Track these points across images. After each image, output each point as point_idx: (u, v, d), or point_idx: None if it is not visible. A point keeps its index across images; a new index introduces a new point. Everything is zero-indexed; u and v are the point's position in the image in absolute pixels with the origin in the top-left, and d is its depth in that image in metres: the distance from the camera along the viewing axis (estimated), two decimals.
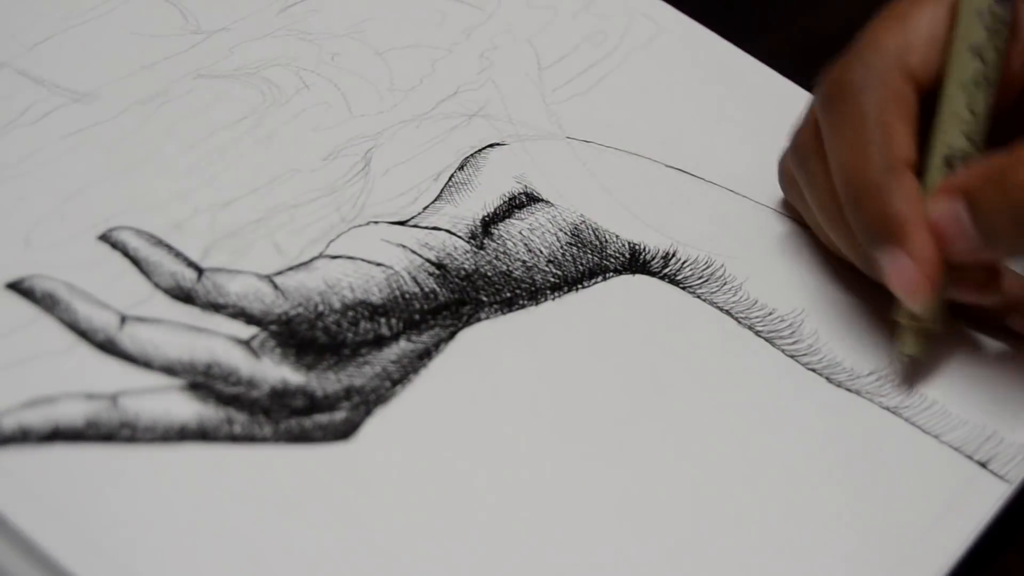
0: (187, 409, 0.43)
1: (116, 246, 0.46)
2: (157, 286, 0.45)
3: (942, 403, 0.48)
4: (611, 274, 0.49)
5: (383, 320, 0.46)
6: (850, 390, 0.48)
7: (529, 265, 0.49)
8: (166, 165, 0.48)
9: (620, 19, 0.57)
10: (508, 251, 0.49)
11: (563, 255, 0.49)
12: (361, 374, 0.45)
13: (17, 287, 0.44)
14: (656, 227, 0.51)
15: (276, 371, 0.44)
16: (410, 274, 0.47)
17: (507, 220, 0.50)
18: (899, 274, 0.46)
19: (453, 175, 0.50)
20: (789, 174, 0.50)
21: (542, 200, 0.50)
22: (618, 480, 0.44)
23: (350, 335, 0.46)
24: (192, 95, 0.50)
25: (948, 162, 0.47)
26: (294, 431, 0.43)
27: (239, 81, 0.51)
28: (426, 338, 0.46)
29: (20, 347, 0.43)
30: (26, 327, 0.44)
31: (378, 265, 0.47)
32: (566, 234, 0.50)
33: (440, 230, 0.49)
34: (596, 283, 0.49)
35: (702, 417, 0.46)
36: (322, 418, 0.44)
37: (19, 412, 0.42)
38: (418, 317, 0.46)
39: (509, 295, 0.48)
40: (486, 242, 0.49)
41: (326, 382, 0.44)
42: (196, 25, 0.53)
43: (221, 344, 0.44)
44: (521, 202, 0.50)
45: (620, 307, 0.48)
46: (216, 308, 0.45)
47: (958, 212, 0.45)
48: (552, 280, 0.48)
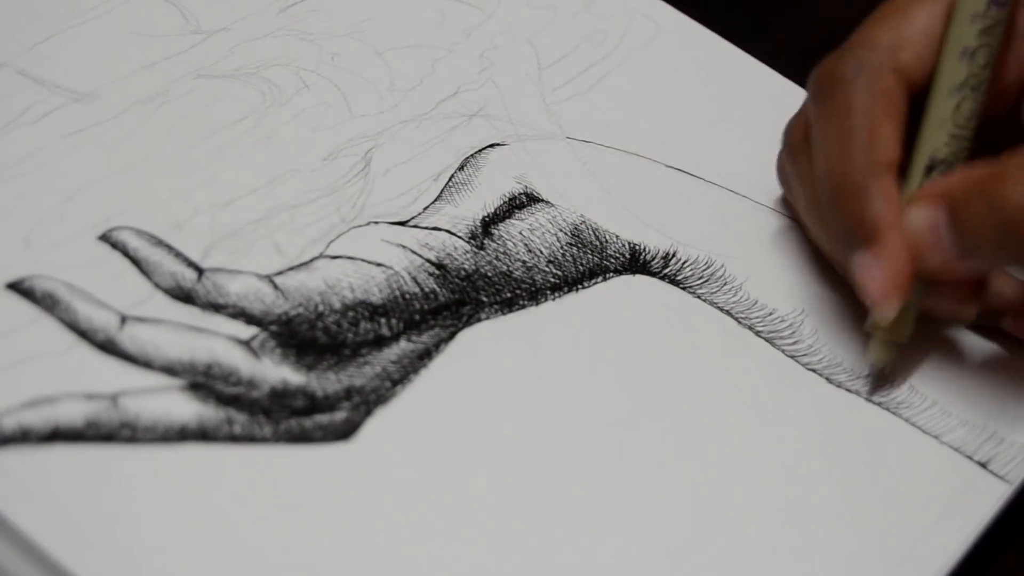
0: (187, 409, 0.43)
1: (116, 246, 0.46)
2: (157, 286, 0.45)
3: (942, 403, 0.48)
4: (611, 274, 0.49)
5: (383, 320, 0.46)
6: (850, 390, 0.48)
7: (529, 265, 0.49)
8: (166, 165, 0.48)
9: (620, 19, 0.57)
10: (508, 251, 0.49)
11: (563, 255, 0.49)
12: (361, 374, 0.45)
13: (17, 287, 0.44)
14: (656, 227, 0.51)
15: (276, 371, 0.44)
16: (410, 274, 0.47)
17: (507, 220, 0.50)
18: (868, 279, 0.45)
19: (453, 175, 0.50)
20: (784, 169, 0.50)
21: (542, 200, 0.50)
22: (618, 480, 0.44)
23: (350, 335, 0.46)
24: (192, 95, 0.50)
25: (930, 169, 0.46)
26: (294, 431, 0.43)
27: (239, 81, 0.51)
28: (426, 338, 0.46)
29: (20, 347, 0.43)
30: (26, 327, 0.44)
31: (378, 265, 0.47)
32: (566, 234, 0.50)
33: (440, 230, 0.49)
34: (596, 283, 0.49)
35: (702, 417, 0.46)
36: (322, 418, 0.44)
37: (19, 412, 0.42)
38: (418, 317, 0.46)
39: (509, 295, 0.48)
40: (486, 242, 0.49)
41: (326, 382, 0.44)
42: (196, 25, 0.52)
43: (221, 344, 0.44)
44: (521, 202, 0.50)
45: (620, 307, 0.48)
46: (216, 308, 0.45)
47: (937, 220, 0.44)
48: (552, 280, 0.48)
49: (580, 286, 0.49)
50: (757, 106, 0.55)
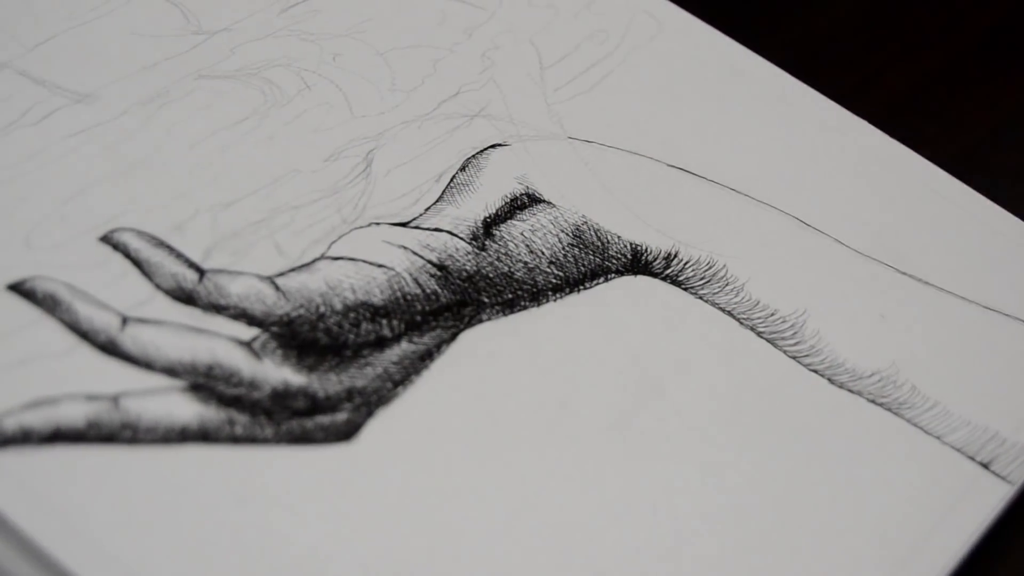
0: (188, 410, 0.43)
1: (117, 247, 0.46)
2: (158, 287, 0.45)
3: (944, 404, 0.48)
4: (613, 275, 0.49)
5: (384, 321, 0.46)
6: (852, 391, 0.48)
7: (531, 266, 0.49)
8: (167, 166, 0.48)
9: (622, 17, 0.57)
10: (510, 252, 0.49)
11: (565, 256, 0.49)
12: (363, 375, 0.45)
13: (18, 288, 0.44)
14: (658, 227, 0.51)
15: (278, 372, 0.44)
16: (411, 275, 0.47)
17: (509, 221, 0.50)
18: None
19: (455, 176, 0.50)
20: None
21: (544, 201, 0.50)
22: (619, 481, 0.44)
23: (351, 336, 0.46)
24: (193, 96, 0.50)
25: None
26: (296, 432, 0.43)
27: (240, 82, 0.51)
28: (427, 339, 0.46)
29: (21, 348, 0.43)
30: (27, 328, 0.44)
31: (379, 266, 0.47)
32: (568, 235, 0.50)
33: (442, 231, 0.49)
34: (598, 284, 0.49)
35: (703, 418, 0.46)
36: (324, 419, 0.44)
37: (20, 413, 0.42)
38: (419, 318, 0.46)
39: (511, 296, 0.48)
40: (488, 243, 0.49)
41: (328, 383, 0.44)
42: (197, 26, 0.52)
43: (222, 345, 0.44)
44: (523, 203, 0.50)
45: (622, 308, 0.48)
46: (217, 309, 0.45)
47: None
48: (554, 281, 0.48)
49: (582, 287, 0.49)
50: (761, 105, 0.55)
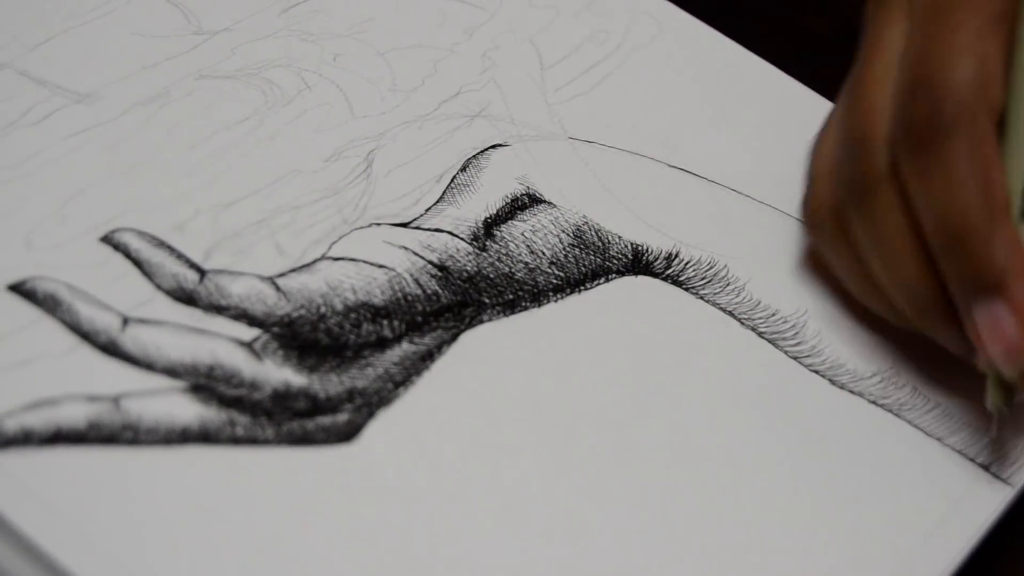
0: (189, 411, 0.43)
1: (118, 247, 0.46)
2: (159, 288, 0.45)
3: (945, 406, 0.48)
4: (614, 275, 0.49)
5: (385, 322, 0.46)
6: (853, 392, 0.48)
7: (531, 267, 0.49)
8: (168, 166, 0.48)
9: (622, 18, 0.57)
10: (510, 253, 0.49)
11: (565, 256, 0.49)
12: (363, 376, 0.45)
13: (19, 289, 0.44)
14: (659, 228, 0.51)
15: (278, 373, 0.44)
16: (412, 276, 0.47)
17: (509, 221, 0.50)
18: (997, 331, 0.43)
19: (455, 176, 0.50)
20: (831, 220, 0.47)
21: (544, 201, 0.50)
22: (621, 481, 0.44)
23: (352, 337, 0.45)
24: (194, 96, 0.50)
25: None
26: (296, 433, 0.43)
27: (241, 82, 0.51)
28: (428, 340, 0.46)
29: (22, 349, 0.43)
30: (28, 329, 0.44)
31: (380, 267, 0.47)
32: (568, 235, 0.50)
33: (442, 232, 0.49)
34: (599, 284, 0.49)
35: (705, 419, 0.46)
36: (324, 420, 0.44)
37: (21, 414, 0.42)
38: (420, 319, 0.46)
39: (511, 297, 0.48)
40: (488, 244, 0.49)
41: (328, 384, 0.44)
42: (198, 26, 0.52)
43: (223, 346, 0.44)
44: (523, 203, 0.50)
45: (623, 308, 0.48)
46: (218, 310, 0.45)
47: None
48: (555, 282, 0.48)
49: (583, 287, 0.49)
50: (761, 105, 0.55)
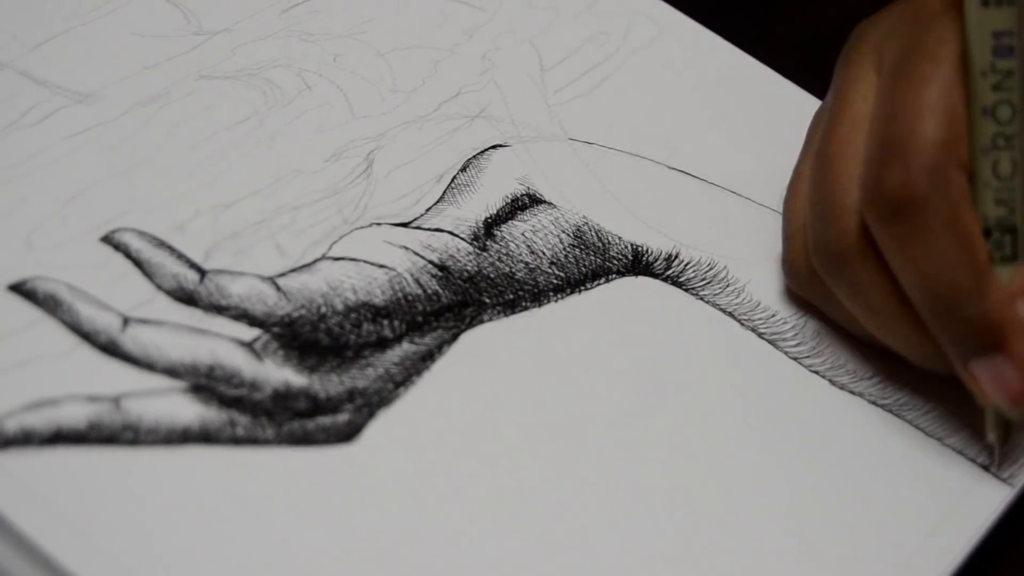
0: (189, 411, 0.43)
1: (118, 248, 0.46)
2: (159, 288, 0.45)
3: (945, 406, 0.48)
4: (614, 276, 0.49)
5: (386, 322, 0.46)
6: (853, 392, 0.48)
7: (532, 267, 0.49)
8: (168, 166, 0.48)
9: (622, 20, 0.57)
10: (511, 253, 0.49)
11: (566, 257, 0.49)
12: (364, 376, 0.45)
13: (19, 289, 0.44)
14: (659, 229, 0.51)
15: (279, 373, 0.44)
16: (413, 276, 0.47)
17: (510, 222, 0.50)
18: (999, 383, 0.44)
19: (455, 177, 0.50)
20: (812, 280, 0.48)
21: (544, 202, 0.50)
22: (620, 481, 0.44)
23: (353, 337, 0.45)
24: (194, 96, 0.50)
25: (988, 233, 0.45)
26: (297, 433, 0.43)
27: (241, 82, 0.51)
28: (429, 340, 0.46)
29: (22, 349, 0.43)
30: (28, 329, 0.44)
31: (381, 267, 0.47)
32: (569, 236, 0.50)
33: (443, 232, 0.49)
34: (599, 285, 0.49)
35: (705, 419, 0.46)
36: (325, 420, 0.44)
37: (21, 414, 0.42)
38: (421, 319, 0.46)
39: (512, 297, 0.48)
40: (489, 244, 0.49)
41: (329, 384, 0.44)
42: (198, 26, 0.52)
43: (224, 346, 0.44)
44: (523, 204, 0.50)
45: (623, 309, 0.48)
46: (219, 310, 0.45)
47: None
48: (555, 282, 0.48)
49: (583, 287, 0.49)
50: (759, 108, 0.55)
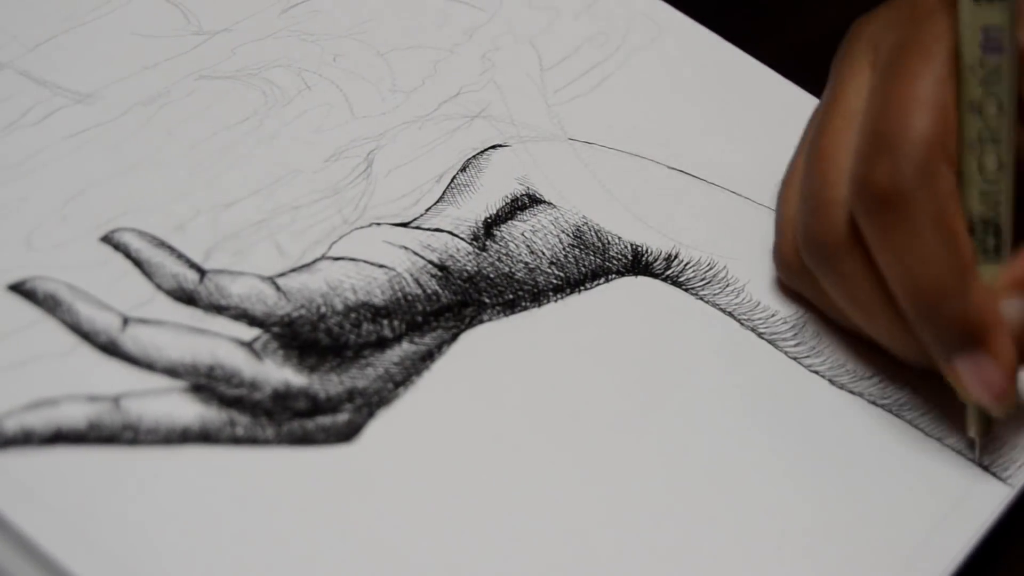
0: (189, 411, 0.43)
1: (118, 247, 0.46)
2: (159, 288, 0.45)
3: (945, 406, 0.48)
4: (613, 276, 0.49)
5: (385, 322, 0.46)
6: (853, 392, 0.48)
7: (531, 267, 0.49)
8: (168, 166, 0.48)
9: (622, 20, 0.57)
10: (510, 253, 0.49)
11: (565, 257, 0.49)
12: (364, 376, 0.45)
13: (19, 289, 0.44)
14: (658, 229, 0.51)
15: (279, 373, 0.44)
16: (412, 276, 0.47)
17: (509, 222, 0.50)
18: (982, 380, 0.44)
19: (455, 177, 0.50)
20: (802, 272, 0.48)
21: (544, 202, 0.50)
22: (620, 481, 0.44)
23: (352, 337, 0.45)
24: (194, 96, 0.50)
25: (972, 229, 0.45)
26: (297, 433, 0.43)
27: (241, 82, 0.51)
28: (428, 340, 0.46)
29: (22, 349, 0.43)
30: (28, 329, 0.44)
31: (380, 267, 0.47)
32: (568, 236, 0.50)
33: (442, 232, 0.49)
34: (599, 285, 0.49)
35: (704, 419, 0.46)
36: (325, 420, 0.44)
37: (21, 414, 0.42)
38: (420, 319, 0.46)
39: (511, 297, 0.48)
40: (488, 244, 0.49)
41: (328, 384, 0.44)
42: (198, 26, 0.52)
43: (223, 346, 0.44)
44: (523, 204, 0.50)
45: (622, 309, 0.48)
46: (218, 310, 0.45)
47: None
48: (555, 282, 0.48)
49: (582, 287, 0.49)
50: (759, 108, 0.55)
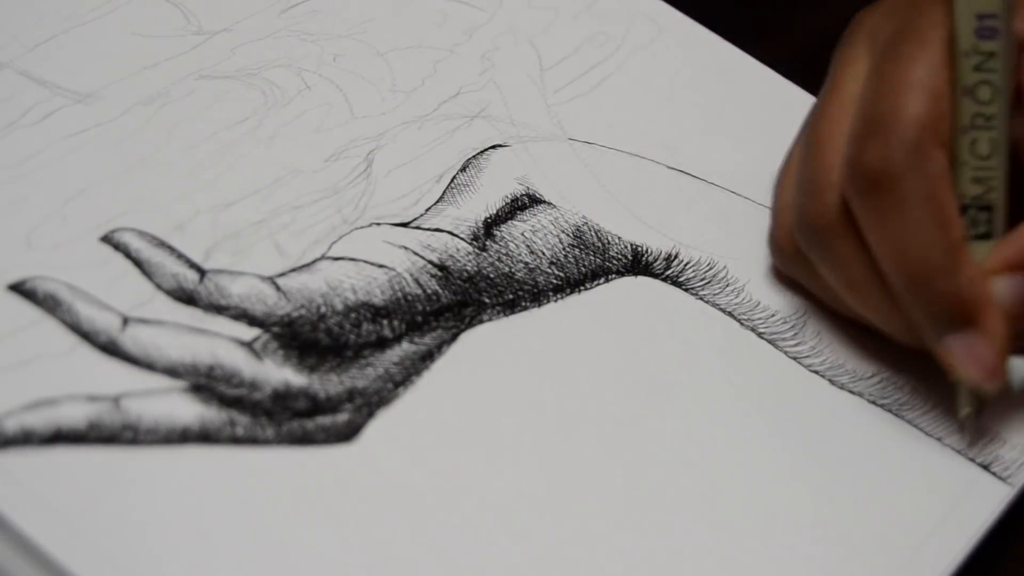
0: (189, 411, 0.43)
1: (118, 247, 0.46)
2: (159, 287, 0.45)
3: (945, 406, 0.48)
4: (613, 276, 0.49)
5: (385, 322, 0.46)
6: (853, 392, 0.48)
7: (531, 267, 0.49)
8: (168, 166, 0.48)
9: (622, 20, 0.57)
10: (510, 253, 0.49)
11: (565, 257, 0.49)
12: (363, 376, 0.45)
13: (19, 288, 0.44)
14: (658, 229, 0.51)
15: (278, 373, 0.44)
16: (412, 276, 0.47)
17: (509, 222, 0.50)
18: (973, 358, 0.45)
19: (455, 177, 0.50)
20: (796, 257, 0.48)
21: (544, 202, 0.50)
22: (620, 482, 0.44)
23: (352, 337, 0.45)
24: (194, 96, 0.50)
25: (964, 210, 0.45)
26: (296, 433, 0.43)
27: (241, 82, 0.51)
28: (428, 340, 0.46)
29: (22, 349, 0.43)
30: (28, 329, 0.44)
31: (380, 267, 0.47)
32: (568, 236, 0.50)
33: (442, 232, 0.49)
34: (598, 285, 0.49)
35: (704, 419, 0.46)
36: (324, 420, 0.44)
37: (21, 414, 0.42)
38: (420, 319, 0.46)
39: (511, 297, 0.48)
40: (488, 244, 0.49)
41: (328, 384, 0.44)
42: (198, 26, 0.52)
43: (223, 346, 0.44)
44: (523, 204, 0.50)
45: (622, 309, 0.48)
46: (218, 310, 0.45)
47: (1022, 287, 0.44)
48: (554, 282, 0.48)
49: (582, 287, 0.49)
50: (759, 108, 0.55)
